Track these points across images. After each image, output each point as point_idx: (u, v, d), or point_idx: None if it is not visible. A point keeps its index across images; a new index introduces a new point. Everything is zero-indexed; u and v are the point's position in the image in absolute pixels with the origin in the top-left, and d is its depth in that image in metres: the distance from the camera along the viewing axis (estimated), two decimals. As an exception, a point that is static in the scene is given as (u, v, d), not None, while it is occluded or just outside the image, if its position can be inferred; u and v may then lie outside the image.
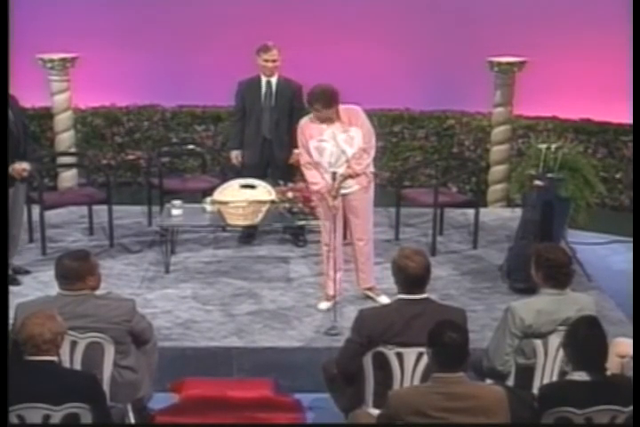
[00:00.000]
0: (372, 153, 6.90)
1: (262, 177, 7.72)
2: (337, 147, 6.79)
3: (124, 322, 5.06)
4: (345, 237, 7.40)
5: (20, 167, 7.11)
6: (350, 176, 6.82)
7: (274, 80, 8.03)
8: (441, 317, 4.63)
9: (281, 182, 7.54)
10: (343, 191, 6.86)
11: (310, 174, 6.87)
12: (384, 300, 6.84)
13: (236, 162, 8.22)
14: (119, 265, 7.82)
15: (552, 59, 9.20)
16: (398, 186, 8.74)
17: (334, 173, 6.73)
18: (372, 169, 6.98)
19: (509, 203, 9.38)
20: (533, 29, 9.30)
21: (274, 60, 7.96)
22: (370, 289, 7.16)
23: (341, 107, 6.81)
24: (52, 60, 9.31)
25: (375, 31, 9.58)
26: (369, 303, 6.85)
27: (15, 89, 7.61)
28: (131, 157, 10.05)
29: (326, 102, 6.71)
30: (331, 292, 7.00)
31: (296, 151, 8.01)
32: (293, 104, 7.99)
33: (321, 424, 5.74)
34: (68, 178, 9.59)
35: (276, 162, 8.07)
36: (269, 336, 6.67)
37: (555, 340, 4.98)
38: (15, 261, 7.52)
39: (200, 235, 8.46)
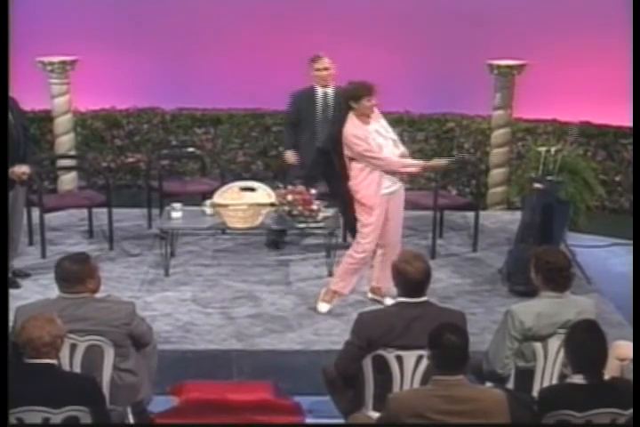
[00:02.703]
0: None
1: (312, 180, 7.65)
2: (384, 137, 6.77)
3: (123, 325, 5.05)
4: (345, 238, 7.41)
5: (20, 170, 7.11)
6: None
7: (330, 91, 7.85)
8: (441, 319, 4.63)
9: (280, 185, 7.53)
10: (386, 191, 6.80)
11: (382, 156, 6.74)
12: (389, 301, 6.81)
13: (292, 161, 7.99)
14: (119, 268, 7.82)
15: (551, 62, 9.19)
16: (398, 188, 8.74)
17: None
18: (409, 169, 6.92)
19: (509, 206, 9.39)
20: (533, 32, 9.30)
21: (326, 68, 7.79)
22: (375, 291, 7.15)
23: None
24: (51, 63, 9.30)
25: (375, 34, 9.57)
26: (370, 306, 6.85)
27: (15, 92, 7.62)
28: (130, 159, 10.05)
29: (374, 89, 6.70)
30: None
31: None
32: None
33: (321, 426, 5.73)
34: (68, 181, 9.59)
35: (334, 171, 7.42)
36: (269, 339, 6.68)
37: (554, 343, 4.98)
38: (15, 264, 7.52)
39: (200, 238, 8.46)
